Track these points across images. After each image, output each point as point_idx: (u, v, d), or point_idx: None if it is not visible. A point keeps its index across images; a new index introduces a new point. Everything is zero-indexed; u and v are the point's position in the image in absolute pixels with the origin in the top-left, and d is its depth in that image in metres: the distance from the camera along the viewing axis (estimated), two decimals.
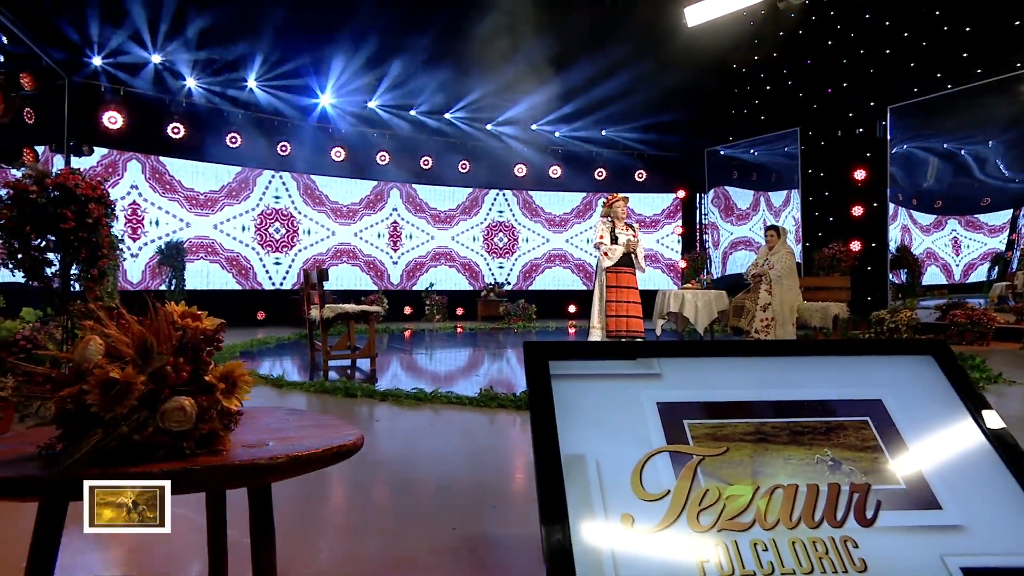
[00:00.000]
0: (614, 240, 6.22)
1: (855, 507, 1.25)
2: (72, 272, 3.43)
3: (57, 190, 3.14)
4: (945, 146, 10.52)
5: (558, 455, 1.28)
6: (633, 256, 6.25)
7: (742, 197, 12.41)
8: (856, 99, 9.78)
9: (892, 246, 9.60)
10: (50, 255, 3.35)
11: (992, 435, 1.38)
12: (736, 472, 1.30)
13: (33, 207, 3.07)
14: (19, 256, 3.21)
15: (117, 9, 8.16)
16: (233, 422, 1.05)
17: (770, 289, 7.14)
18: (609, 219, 6.39)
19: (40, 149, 8.23)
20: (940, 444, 1.37)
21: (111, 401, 0.91)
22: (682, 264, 12.20)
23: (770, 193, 11.83)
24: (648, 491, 1.25)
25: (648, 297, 7.13)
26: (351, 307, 5.00)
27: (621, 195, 6.68)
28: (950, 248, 10.73)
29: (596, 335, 6.23)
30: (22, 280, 3.31)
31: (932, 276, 10.58)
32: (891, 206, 9.62)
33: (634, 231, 6.37)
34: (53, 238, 3.26)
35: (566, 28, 10.36)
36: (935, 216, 10.87)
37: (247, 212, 10.82)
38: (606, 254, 6.20)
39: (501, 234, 13.08)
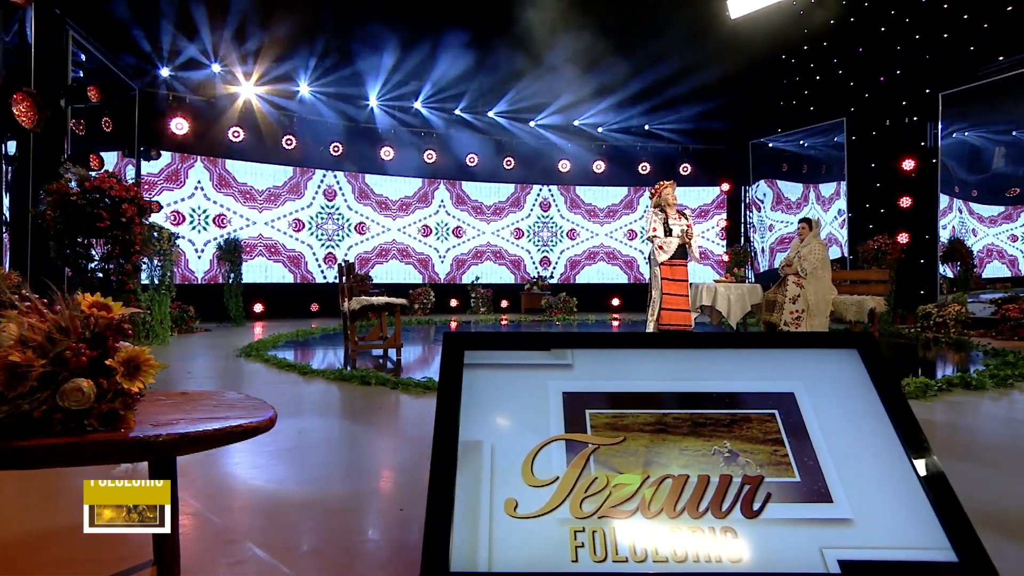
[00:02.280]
0: (667, 232, 5.98)
1: (743, 499, 1.26)
2: (109, 266, 3.69)
3: (95, 192, 3.41)
4: (1014, 133, 9.81)
5: (455, 441, 1.35)
6: (688, 247, 5.97)
7: (790, 189, 11.98)
8: (905, 87, 9.29)
9: (944, 237, 9.07)
10: (94, 252, 3.67)
11: (901, 432, 1.35)
12: (628, 461, 1.33)
13: (73, 208, 3.34)
14: (67, 252, 3.49)
15: (187, 25, 8.76)
16: (134, 403, 1.17)
17: (799, 282, 6.89)
18: (660, 209, 6.15)
19: (114, 154, 8.92)
20: (844, 439, 1.35)
21: (13, 382, 1.05)
22: (724, 258, 11.88)
23: (819, 185, 11.37)
24: (538, 477, 1.30)
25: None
26: (376, 299, 5.18)
27: (668, 181, 6.44)
28: (1020, 240, 10.00)
29: (650, 327, 6.13)
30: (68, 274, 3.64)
31: (996, 270, 9.89)
32: (944, 198, 9.07)
33: (687, 219, 6.09)
34: (92, 237, 3.52)
35: (608, 22, 10.27)
36: (1004, 207, 10.15)
37: (303, 209, 11.29)
38: (661, 248, 5.92)
39: (546, 228, 13.12)
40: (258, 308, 10.55)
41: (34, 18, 5.54)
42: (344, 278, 5.36)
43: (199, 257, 10.14)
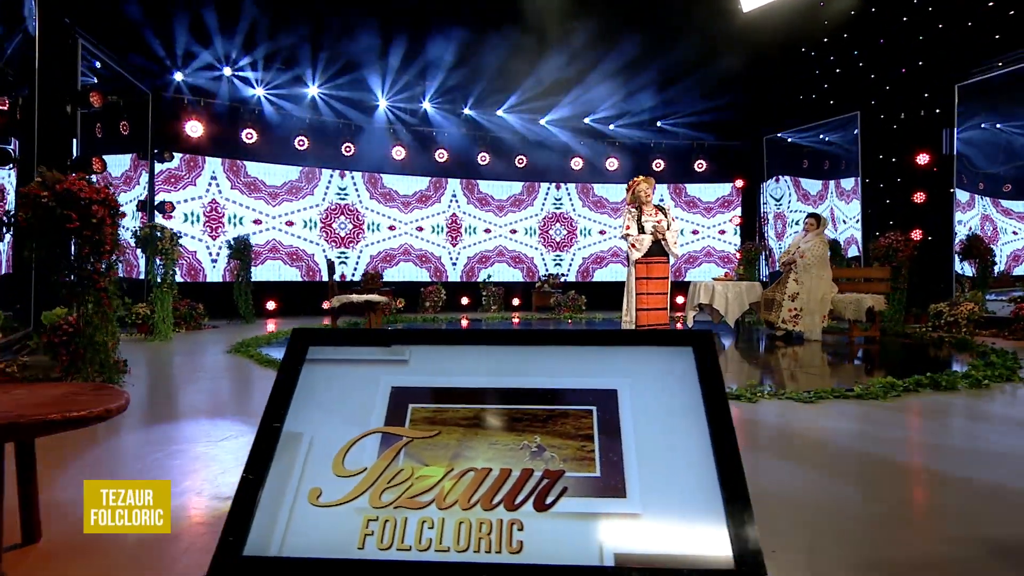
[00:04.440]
0: (641, 229, 6.00)
1: (538, 492, 1.28)
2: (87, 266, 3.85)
3: (65, 194, 3.57)
4: None
5: (278, 432, 1.40)
6: (663, 242, 5.95)
7: (807, 185, 11.72)
8: (920, 79, 9.02)
9: (963, 233, 8.76)
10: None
11: (713, 431, 1.35)
12: (437, 454, 1.36)
13: (44, 210, 3.50)
14: (36, 253, 3.66)
15: (199, 31, 9.07)
16: None
17: (798, 279, 6.76)
18: (635, 206, 6.18)
19: (127, 157, 9.27)
20: (655, 436, 1.36)
21: None
22: (736, 255, 11.69)
23: (833, 181, 11.11)
24: (347, 468, 1.35)
25: None
26: (355, 297, 5.29)
27: (643, 177, 6.43)
28: None
29: (627, 327, 6.13)
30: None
31: None
32: (964, 193, 8.77)
33: (664, 213, 6.07)
34: (63, 238, 3.68)
35: (619, 17, 10.22)
36: None
37: (314, 207, 11.52)
38: (633, 245, 5.96)
39: (559, 226, 13.11)
40: (271, 305, 10.82)
41: (38, 26, 5.80)
42: (330, 276, 5.47)
43: (212, 257, 10.45)
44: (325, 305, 5.55)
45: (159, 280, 6.83)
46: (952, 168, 8.61)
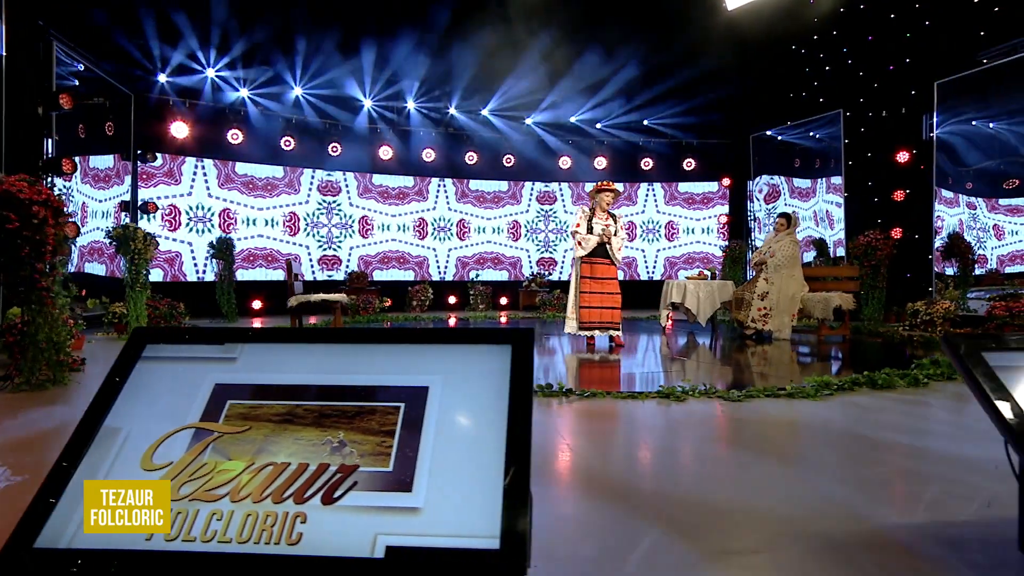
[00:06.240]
0: (590, 230, 6.09)
1: (328, 486, 1.31)
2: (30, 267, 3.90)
3: (3, 195, 3.64)
4: None
5: (95, 427, 1.44)
6: (608, 247, 6.08)
7: (794, 183, 11.66)
8: (900, 77, 8.98)
9: (944, 233, 8.69)
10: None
11: (511, 427, 1.37)
12: (243, 449, 1.40)
13: None
14: None
15: (171, 33, 9.18)
16: None
17: (768, 278, 6.75)
18: (590, 207, 6.25)
19: (110, 157, 9.39)
20: (455, 432, 1.39)
21: None
22: (719, 254, 11.67)
23: (821, 179, 11.05)
24: (155, 463, 1.39)
25: None
26: (312, 297, 5.34)
27: (613, 185, 6.47)
28: None
29: (571, 326, 6.16)
30: None
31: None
32: (945, 192, 8.70)
33: (615, 220, 6.20)
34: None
35: (601, 13, 10.22)
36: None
37: (299, 204, 11.61)
38: (580, 243, 6.07)
39: (546, 225, 13.12)
40: (257, 304, 10.91)
41: (5, 28, 5.88)
42: (288, 276, 5.53)
43: (194, 257, 10.56)
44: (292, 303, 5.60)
45: (132, 280, 6.91)
46: (932, 165, 8.56)
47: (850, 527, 1.81)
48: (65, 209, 4.07)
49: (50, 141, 7.00)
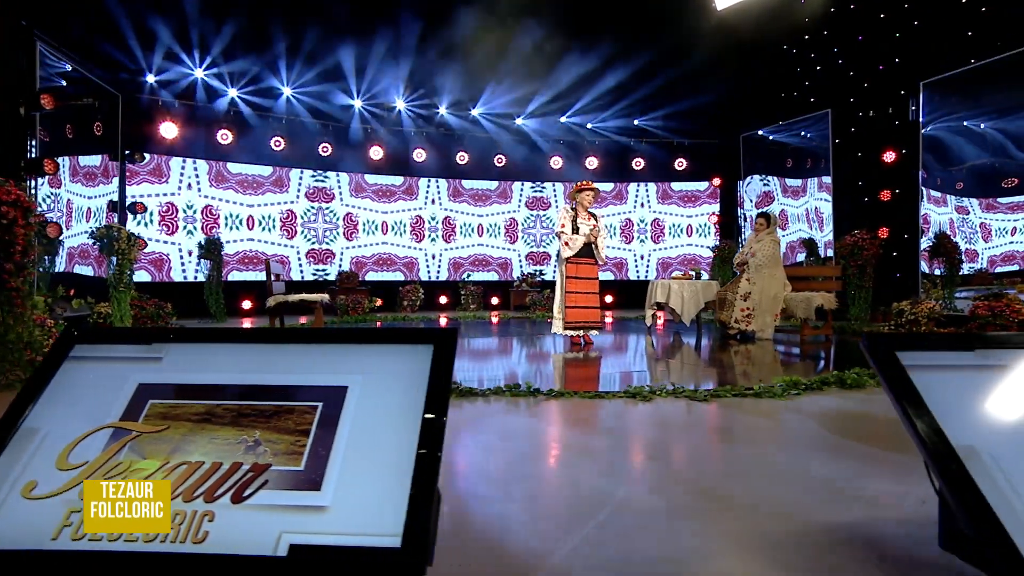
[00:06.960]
0: (575, 230, 6.11)
1: (238, 485, 1.31)
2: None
3: None
4: None
5: (13, 428, 1.45)
6: (593, 247, 6.12)
7: (785, 183, 11.66)
8: (887, 76, 8.99)
9: (931, 233, 8.69)
10: None
11: (424, 425, 1.38)
12: (159, 448, 1.40)
13: None
14: None
15: (150, 35, 9.20)
16: None
17: (751, 278, 6.75)
18: (572, 207, 6.27)
19: (98, 157, 9.40)
20: (369, 432, 1.39)
21: None
22: (708, 255, 11.68)
23: (812, 179, 11.05)
24: (70, 462, 1.39)
25: None
26: (292, 297, 5.34)
27: (593, 185, 6.50)
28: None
29: (558, 326, 6.18)
30: None
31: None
32: (933, 192, 8.70)
33: (596, 220, 6.23)
34: None
35: (589, 13, 10.21)
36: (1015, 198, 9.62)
37: (289, 202, 11.61)
38: (567, 244, 6.10)
39: (538, 225, 13.13)
40: (247, 304, 10.91)
41: None
42: (267, 277, 5.54)
43: (181, 258, 10.58)
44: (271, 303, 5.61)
45: (116, 280, 6.92)
46: (918, 165, 8.57)
47: (779, 525, 1.82)
48: (36, 210, 4.08)
49: (34, 141, 7.00)
